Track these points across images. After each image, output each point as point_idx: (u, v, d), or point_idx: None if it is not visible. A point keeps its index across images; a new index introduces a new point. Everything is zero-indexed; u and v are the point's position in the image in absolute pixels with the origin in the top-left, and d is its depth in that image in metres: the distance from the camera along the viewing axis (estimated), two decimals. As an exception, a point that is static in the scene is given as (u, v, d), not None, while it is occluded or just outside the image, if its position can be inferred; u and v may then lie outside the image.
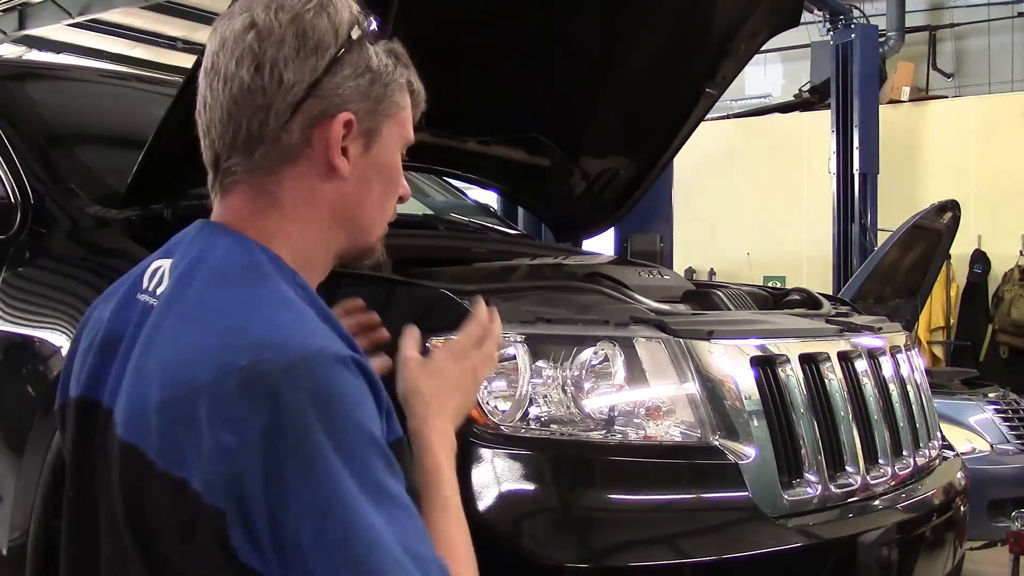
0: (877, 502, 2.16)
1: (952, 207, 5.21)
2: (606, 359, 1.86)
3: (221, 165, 1.16)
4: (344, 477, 0.96)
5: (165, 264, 1.16)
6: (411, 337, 1.35)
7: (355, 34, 1.14)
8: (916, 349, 2.73)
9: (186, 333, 1.06)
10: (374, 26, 1.17)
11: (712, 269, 10.67)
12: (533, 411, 1.81)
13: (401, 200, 1.23)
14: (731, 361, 1.97)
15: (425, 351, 1.37)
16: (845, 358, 2.26)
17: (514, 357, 1.81)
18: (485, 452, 1.72)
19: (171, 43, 12.58)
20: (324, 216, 1.16)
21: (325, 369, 1.00)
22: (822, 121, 9.80)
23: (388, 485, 0.99)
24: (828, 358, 2.19)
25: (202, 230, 1.17)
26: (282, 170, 1.14)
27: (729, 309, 2.47)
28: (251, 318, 1.04)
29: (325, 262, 1.19)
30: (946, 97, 10.90)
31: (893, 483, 2.25)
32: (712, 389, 1.92)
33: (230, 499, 0.97)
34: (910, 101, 10.58)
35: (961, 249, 9.04)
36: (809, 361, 2.14)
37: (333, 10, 1.14)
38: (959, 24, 11.38)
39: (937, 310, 9.65)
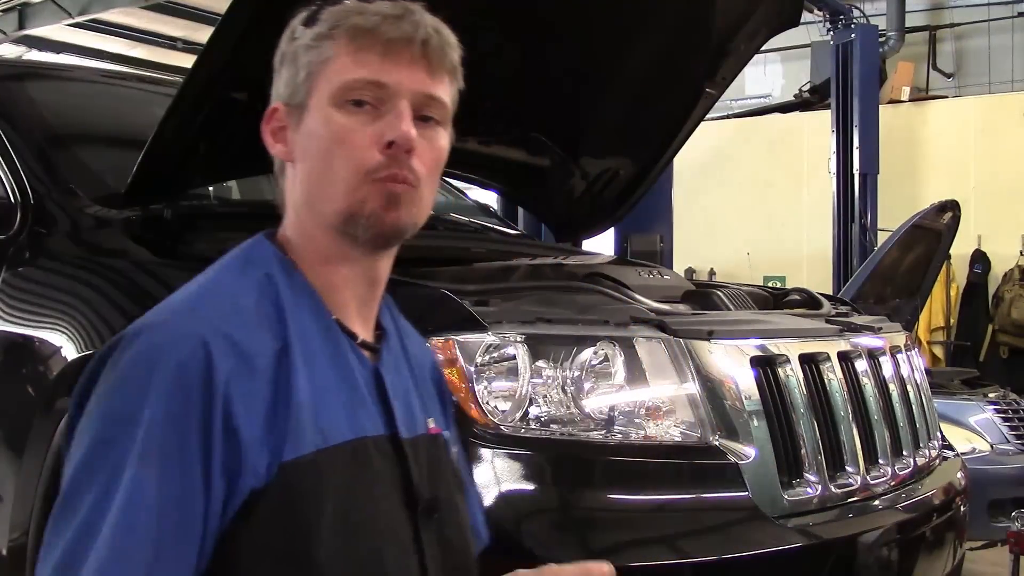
0: (877, 502, 2.16)
1: (952, 207, 5.21)
2: (606, 359, 1.86)
3: None
4: (72, 461, 1.01)
5: None
6: None
7: (294, 35, 1.16)
8: (916, 349, 2.73)
9: None
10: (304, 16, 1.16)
11: (712, 269, 10.66)
12: (533, 411, 1.81)
13: (392, 144, 1.10)
14: (731, 361, 1.97)
15: None
16: (845, 358, 2.26)
17: (514, 357, 1.81)
18: (485, 452, 1.72)
19: (171, 43, 12.58)
20: (298, 201, 1.15)
21: (131, 344, 1.03)
22: (822, 121, 9.79)
23: (89, 483, 0.98)
24: (828, 358, 2.19)
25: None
26: (281, 173, 1.19)
27: (729, 309, 2.47)
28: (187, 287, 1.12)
29: (324, 243, 1.14)
30: (946, 97, 10.89)
31: (893, 483, 2.25)
32: (712, 389, 1.92)
33: None
34: (910, 101, 10.56)
35: (961, 249, 9.03)
36: (809, 361, 2.14)
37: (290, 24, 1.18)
38: (959, 24, 11.37)
39: (937, 310, 9.64)
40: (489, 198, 4.64)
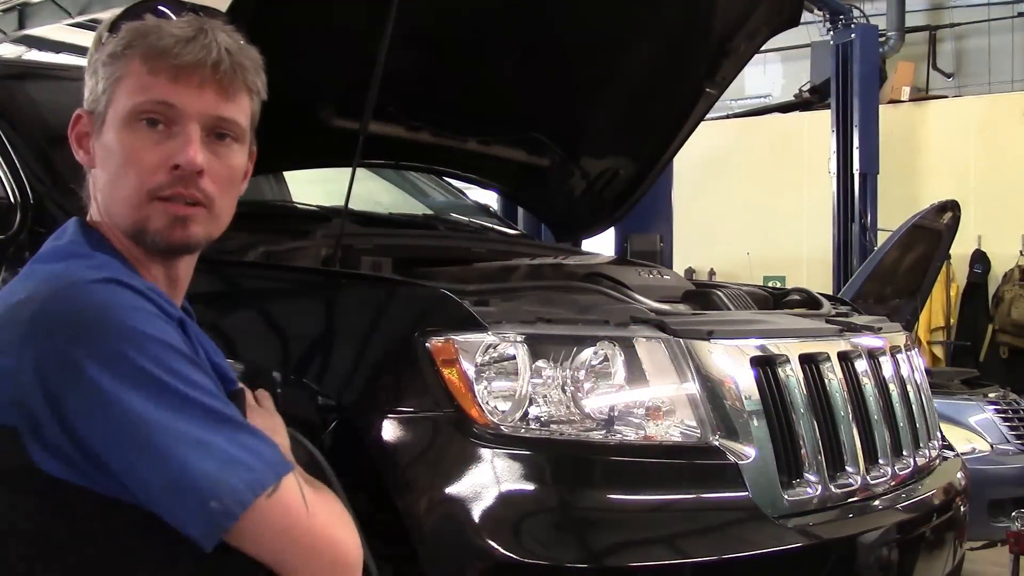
0: (877, 502, 2.16)
1: (952, 207, 5.22)
2: (606, 359, 1.86)
3: None
4: (105, 381, 1.05)
5: None
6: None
7: (100, 41, 1.23)
8: (916, 349, 2.73)
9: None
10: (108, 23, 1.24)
11: (712, 269, 10.67)
12: (533, 411, 1.81)
13: (178, 167, 1.17)
14: (731, 361, 1.97)
15: None
16: (845, 358, 2.26)
17: (514, 357, 1.80)
18: (485, 452, 1.72)
19: (171, 43, 12.57)
20: (101, 206, 1.24)
21: (80, 289, 1.10)
22: (822, 121, 9.80)
23: (170, 381, 1.08)
24: (828, 358, 2.19)
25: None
26: (88, 172, 1.29)
27: (729, 309, 2.47)
28: (39, 274, 1.16)
29: (127, 243, 1.22)
30: (946, 97, 10.90)
31: (893, 483, 2.25)
32: (712, 389, 1.92)
33: (19, 417, 1.08)
34: (910, 101, 10.57)
35: (961, 249, 9.04)
36: (809, 361, 2.14)
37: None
38: (959, 24, 11.38)
39: (937, 310, 9.64)
40: (489, 198, 4.64)
